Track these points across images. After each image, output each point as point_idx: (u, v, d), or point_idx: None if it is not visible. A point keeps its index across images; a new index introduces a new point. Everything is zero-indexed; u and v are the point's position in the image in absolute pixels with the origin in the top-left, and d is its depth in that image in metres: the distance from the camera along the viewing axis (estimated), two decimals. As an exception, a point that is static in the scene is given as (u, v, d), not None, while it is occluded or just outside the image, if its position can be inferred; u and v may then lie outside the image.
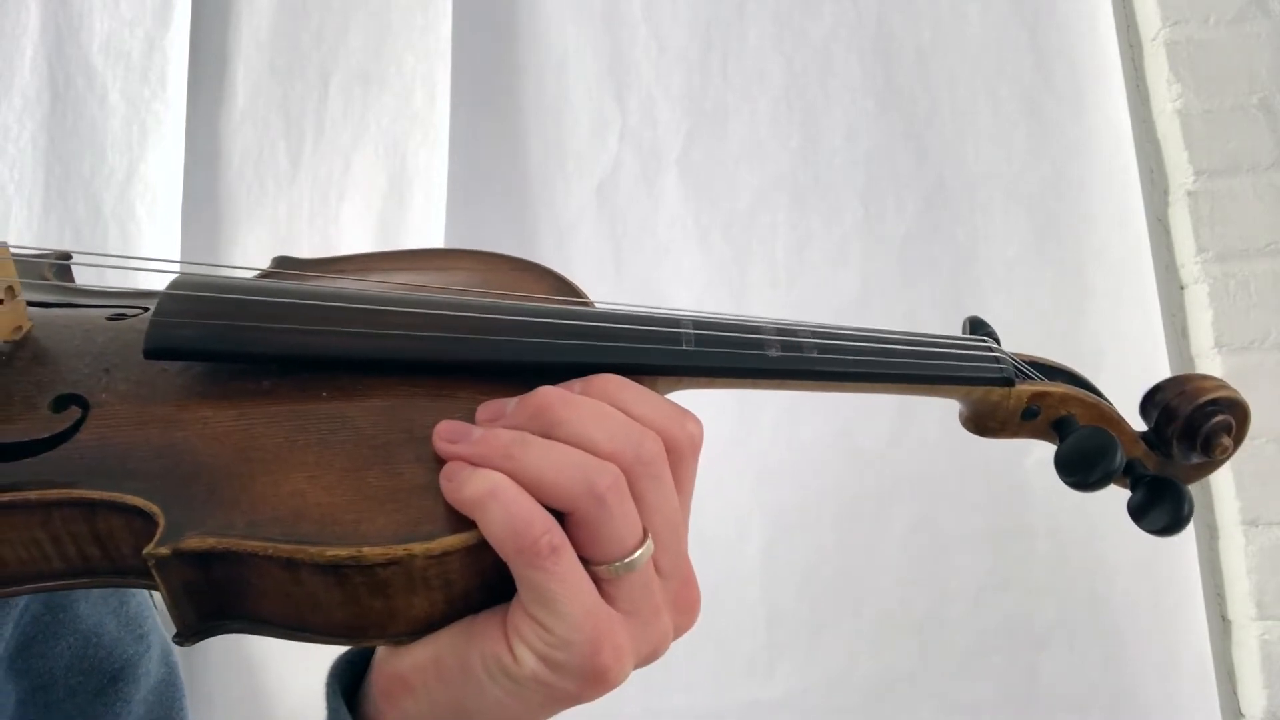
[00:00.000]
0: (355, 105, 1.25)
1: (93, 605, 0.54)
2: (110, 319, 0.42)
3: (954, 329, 0.50)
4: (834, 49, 1.26)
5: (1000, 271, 1.19)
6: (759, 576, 1.14)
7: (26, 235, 1.16)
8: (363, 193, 1.22)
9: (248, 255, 1.21)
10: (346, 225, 1.22)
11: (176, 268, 0.43)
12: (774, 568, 1.14)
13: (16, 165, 1.17)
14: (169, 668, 0.57)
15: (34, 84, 1.19)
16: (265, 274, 0.46)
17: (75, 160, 1.18)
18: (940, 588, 1.13)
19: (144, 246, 1.17)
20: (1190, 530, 1.11)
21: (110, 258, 0.49)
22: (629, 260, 1.22)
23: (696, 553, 1.29)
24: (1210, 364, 1.12)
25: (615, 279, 1.22)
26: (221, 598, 0.34)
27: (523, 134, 1.26)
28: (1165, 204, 1.20)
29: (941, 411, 0.51)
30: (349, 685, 0.40)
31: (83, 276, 0.49)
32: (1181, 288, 1.18)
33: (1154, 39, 1.21)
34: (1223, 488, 1.10)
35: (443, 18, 1.24)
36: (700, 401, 0.39)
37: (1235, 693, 1.09)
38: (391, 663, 0.36)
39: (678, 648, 1.29)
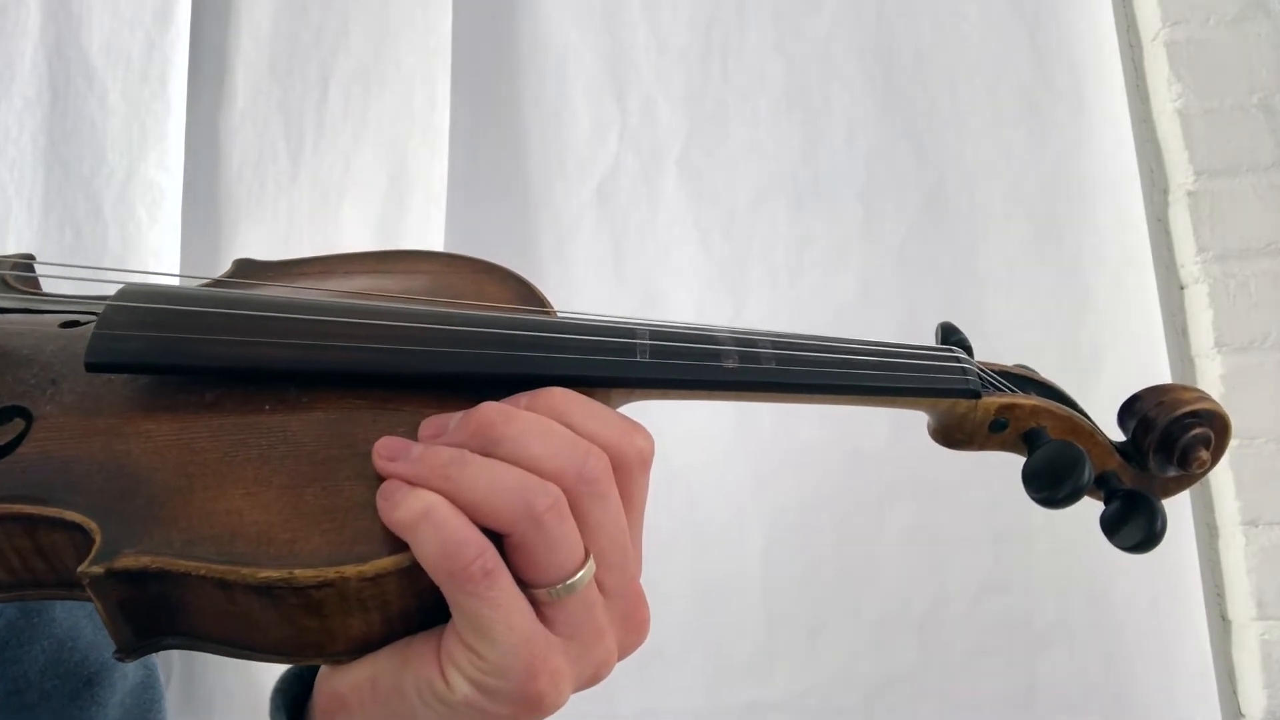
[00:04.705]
0: (355, 105, 1.24)
1: (68, 609, 0.53)
2: (63, 325, 0.42)
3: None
4: (834, 49, 1.26)
5: (1000, 271, 1.19)
6: (759, 576, 1.14)
7: (26, 235, 1.16)
8: (363, 193, 1.22)
9: (247, 255, 1.21)
10: (346, 225, 1.22)
11: (152, 276, 0.42)
12: (774, 568, 1.14)
13: (16, 165, 1.17)
14: (147, 670, 0.57)
15: (34, 84, 1.18)
16: (219, 281, 0.45)
17: (75, 160, 1.18)
18: (940, 588, 1.13)
19: (144, 246, 1.17)
20: (1190, 530, 1.11)
21: (74, 267, 0.48)
22: (629, 260, 1.22)
23: (697, 553, 1.28)
24: (1210, 364, 1.12)
25: (615, 279, 1.22)
26: (159, 615, 0.34)
27: (523, 134, 1.26)
28: (1165, 204, 1.20)
29: (941, 412, 0.51)
30: (298, 697, 0.39)
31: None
32: (1181, 288, 1.18)
33: (1154, 39, 1.20)
34: (1223, 488, 1.10)
35: (443, 18, 1.24)
36: (700, 401, 0.38)
37: (1235, 693, 1.09)
38: (330, 681, 0.36)
39: (677, 648, 1.29)
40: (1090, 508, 0.46)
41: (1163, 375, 1.13)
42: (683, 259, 1.22)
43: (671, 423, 1.15)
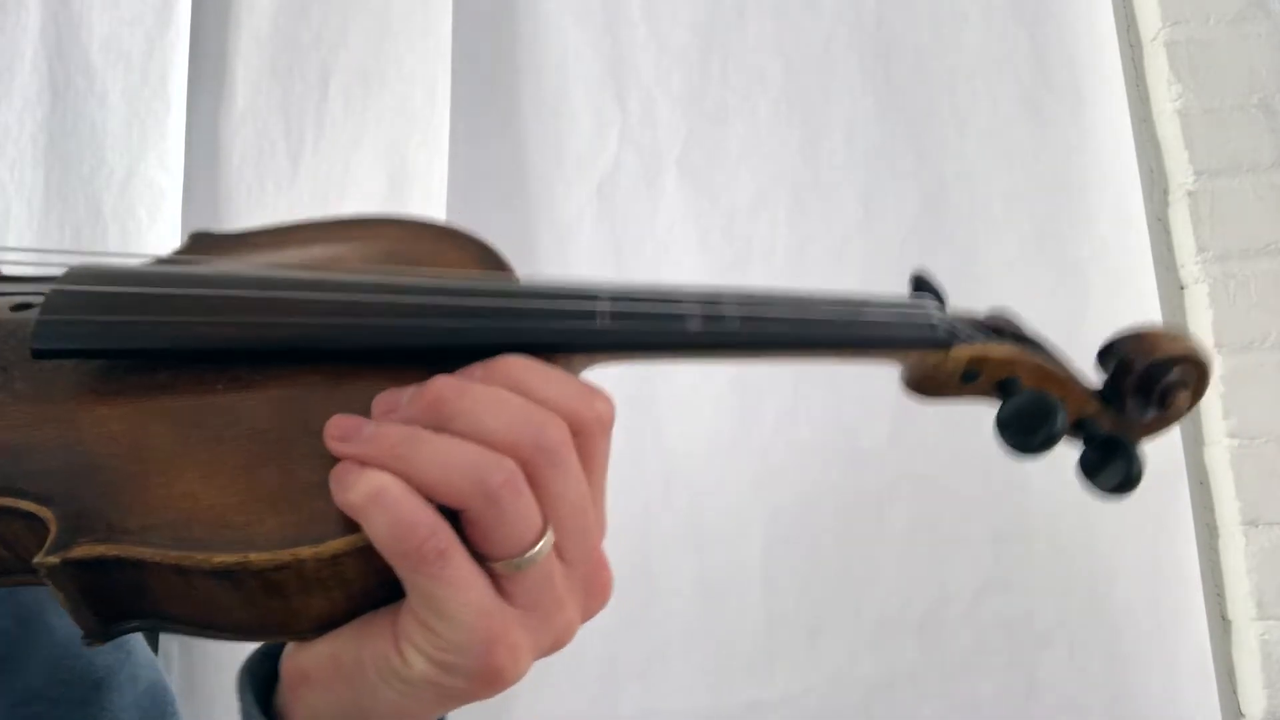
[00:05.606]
0: (355, 105, 1.24)
1: (64, 616, 0.53)
2: (14, 309, 0.41)
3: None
4: (834, 49, 1.26)
5: (1000, 271, 1.19)
6: (759, 576, 1.14)
7: (26, 235, 1.16)
8: (363, 193, 1.22)
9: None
10: (346, 225, 1.21)
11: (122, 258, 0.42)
12: (774, 568, 1.14)
13: (16, 165, 1.17)
14: (156, 671, 0.57)
15: (34, 84, 1.18)
16: (169, 258, 0.44)
17: (75, 160, 1.18)
18: (940, 588, 1.13)
19: (144, 246, 1.17)
20: (1190, 530, 1.11)
21: (20, 251, 0.48)
22: (629, 260, 1.22)
23: (697, 552, 1.28)
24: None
25: (615, 279, 1.22)
26: (121, 600, 0.33)
27: (523, 134, 1.26)
28: (1165, 204, 1.20)
29: (941, 411, 0.50)
30: (268, 675, 0.39)
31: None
32: (1181, 288, 1.18)
33: (1154, 39, 1.20)
34: (1223, 488, 1.10)
35: (443, 18, 1.24)
36: (701, 401, 0.38)
37: (1235, 693, 1.09)
38: (296, 657, 0.36)
39: (678, 648, 1.29)
40: (1094, 507, 0.46)
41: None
42: (683, 259, 1.22)
43: (672, 421, 1.15)
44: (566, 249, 1.23)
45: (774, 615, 1.14)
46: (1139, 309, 1.16)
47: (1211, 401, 1.11)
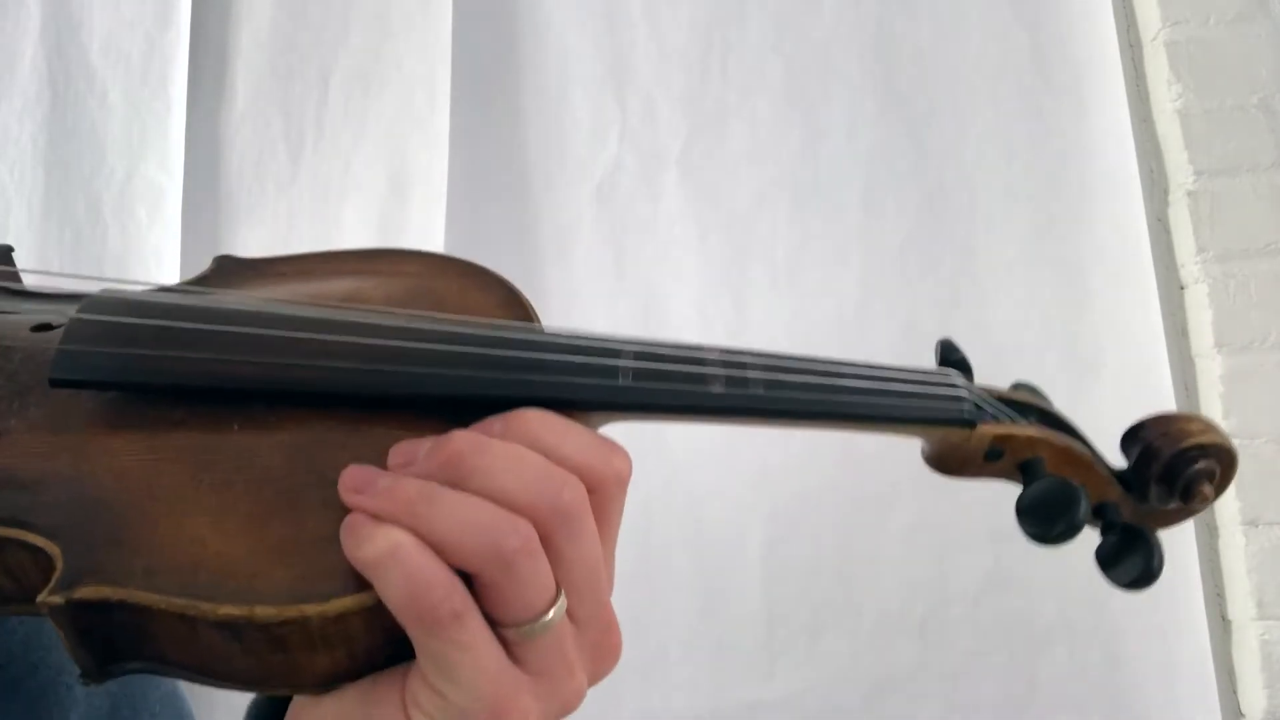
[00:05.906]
0: (355, 105, 1.24)
1: None
2: (34, 329, 0.40)
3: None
4: (834, 49, 1.26)
5: (1000, 271, 1.19)
6: (759, 576, 1.14)
7: (27, 235, 1.16)
8: (363, 193, 1.22)
9: (243, 254, 1.21)
10: (347, 226, 1.22)
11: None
12: (774, 568, 1.14)
13: (16, 165, 1.17)
14: None
15: (34, 84, 1.18)
16: (197, 280, 0.44)
17: (75, 160, 1.18)
18: (940, 588, 1.13)
19: (144, 247, 1.17)
20: (1190, 530, 1.11)
21: (49, 274, 0.47)
22: (629, 260, 1.22)
23: (697, 552, 1.28)
24: (1210, 364, 1.12)
25: (615, 279, 1.22)
26: (123, 641, 0.33)
27: (523, 134, 1.26)
28: (1165, 204, 1.20)
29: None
30: (276, 712, 0.39)
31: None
32: (1181, 288, 1.17)
33: (1154, 39, 1.20)
34: (1223, 488, 1.10)
35: (443, 18, 1.24)
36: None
37: (1235, 693, 1.09)
38: (301, 713, 0.35)
39: (678, 647, 1.29)
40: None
41: (1163, 375, 1.13)
42: (683, 259, 1.22)
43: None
44: (566, 249, 1.23)
45: (774, 615, 1.14)
46: (1139, 309, 1.16)
47: (1211, 401, 1.11)
